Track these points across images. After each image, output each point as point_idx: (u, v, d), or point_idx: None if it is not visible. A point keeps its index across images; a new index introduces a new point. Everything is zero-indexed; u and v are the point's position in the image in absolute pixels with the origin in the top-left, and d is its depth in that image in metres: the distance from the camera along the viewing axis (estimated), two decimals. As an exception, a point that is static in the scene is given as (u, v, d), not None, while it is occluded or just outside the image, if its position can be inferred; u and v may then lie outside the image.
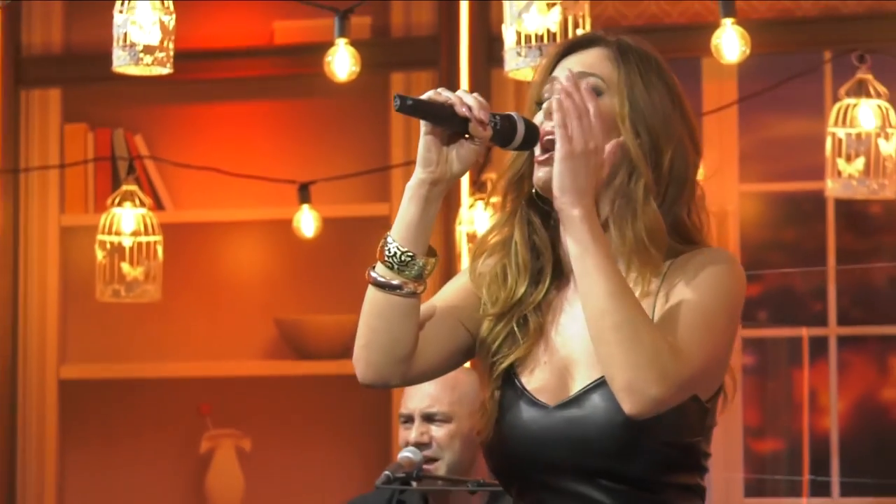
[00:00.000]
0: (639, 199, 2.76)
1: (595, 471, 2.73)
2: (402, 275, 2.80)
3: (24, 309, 6.82)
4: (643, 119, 2.79)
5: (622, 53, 2.84)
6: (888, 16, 6.11)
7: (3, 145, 6.81)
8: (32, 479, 6.78)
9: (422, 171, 2.75)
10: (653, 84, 2.83)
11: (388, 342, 2.82)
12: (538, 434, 2.77)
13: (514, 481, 2.86)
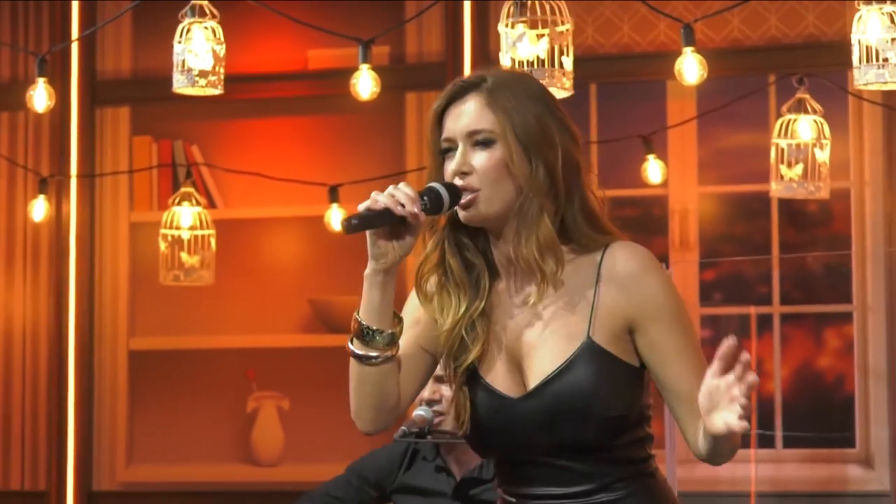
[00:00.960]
0: (532, 216, 2.76)
1: (560, 445, 2.74)
2: (375, 346, 2.78)
3: (100, 292, 6.85)
4: (530, 147, 2.76)
5: (492, 95, 2.77)
6: (823, 46, 6.14)
7: (82, 155, 6.83)
8: (106, 434, 6.81)
9: (375, 264, 2.75)
10: (527, 109, 2.78)
11: (378, 401, 2.84)
12: (508, 424, 2.78)
13: (496, 460, 2.89)
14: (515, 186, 2.74)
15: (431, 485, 4.50)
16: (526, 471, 2.82)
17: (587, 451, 2.76)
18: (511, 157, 2.73)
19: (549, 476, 2.79)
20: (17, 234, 6.90)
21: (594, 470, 2.77)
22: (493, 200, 2.75)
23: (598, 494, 2.77)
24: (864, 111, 6.17)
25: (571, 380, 2.73)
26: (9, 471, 6.82)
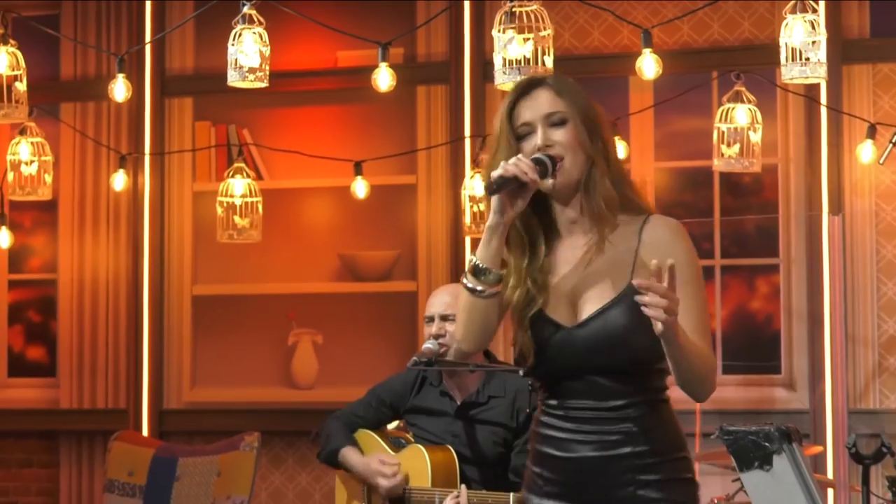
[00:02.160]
0: (597, 180, 2.89)
1: (600, 366, 2.88)
2: (486, 282, 2.88)
3: (169, 248, 6.87)
4: (590, 127, 2.91)
5: (559, 89, 2.94)
6: (756, 48, 6.13)
7: (154, 136, 6.85)
8: (174, 363, 6.84)
9: (498, 217, 2.85)
10: (584, 100, 2.96)
11: (482, 327, 2.95)
12: (563, 346, 2.90)
13: (548, 381, 2.97)
14: (586, 157, 2.89)
15: (437, 406, 4.51)
16: (570, 386, 2.92)
17: (620, 373, 2.88)
18: (581, 132, 2.89)
19: (588, 392, 2.90)
20: (101, 201, 6.91)
21: (624, 390, 2.89)
22: (572, 168, 2.89)
23: (624, 410, 2.88)
24: (789, 101, 6.16)
25: (614, 315, 2.85)
26: (95, 393, 6.85)
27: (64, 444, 6.89)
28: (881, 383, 6.08)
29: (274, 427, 6.48)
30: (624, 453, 2.85)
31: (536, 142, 2.87)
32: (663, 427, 2.90)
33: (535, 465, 2.97)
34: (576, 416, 2.90)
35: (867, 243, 6.12)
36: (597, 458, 2.87)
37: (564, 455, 2.91)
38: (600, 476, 2.87)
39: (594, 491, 2.88)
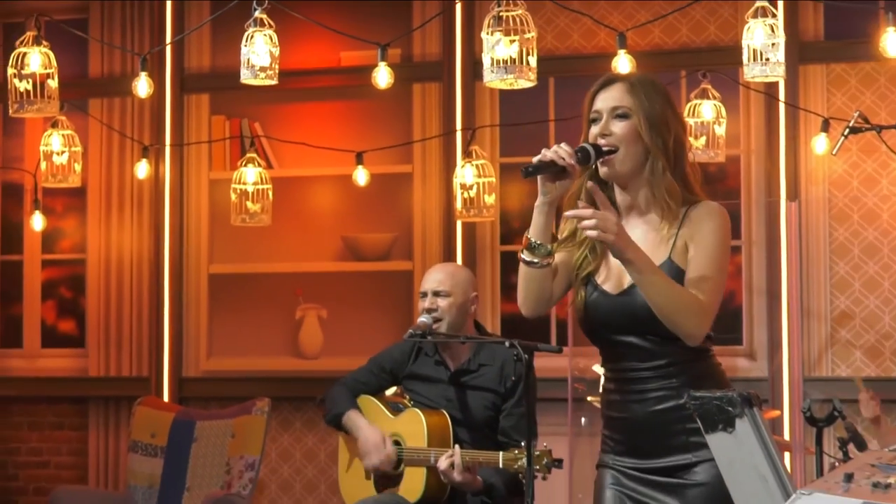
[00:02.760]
0: (655, 174, 2.97)
1: (638, 329, 2.96)
2: (539, 255, 2.98)
3: (187, 230, 6.86)
4: (653, 125, 2.96)
5: (632, 87, 3.01)
6: (721, 49, 6.13)
7: (174, 129, 6.84)
8: (192, 335, 6.84)
9: (543, 197, 2.96)
10: (655, 100, 2.99)
11: (538, 295, 3.04)
12: (609, 311, 3.00)
13: (594, 338, 3.08)
14: (643, 150, 2.97)
15: (432, 373, 4.53)
16: (618, 350, 3.02)
17: (659, 336, 2.94)
18: (641, 127, 2.95)
19: (634, 354, 2.99)
20: (126, 188, 6.90)
21: (662, 351, 2.97)
22: (626, 160, 2.97)
23: (666, 369, 2.97)
24: (750, 98, 6.17)
25: None
26: (121, 362, 6.85)
27: (92, 409, 6.89)
28: (833, 353, 6.10)
29: (283, 393, 6.49)
30: (670, 406, 2.93)
31: (598, 129, 2.98)
32: (703, 379, 2.96)
33: (605, 428, 3.11)
34: (626, 377, 3.01)
35: (821, 227, 6.14)
36: (648, 414, 2.97)
37: (622, 415, 3.02)
38: (654, 430, 2.97)
39: (652, 443, 2.99)
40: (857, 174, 6.12)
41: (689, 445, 2.94)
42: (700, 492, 2.94)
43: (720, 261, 2.96)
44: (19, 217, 7.03)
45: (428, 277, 4.52)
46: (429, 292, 4.46)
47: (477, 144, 6.09)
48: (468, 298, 4.49)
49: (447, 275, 4.50)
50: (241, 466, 5.95)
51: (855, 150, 6.01)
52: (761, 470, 2.53)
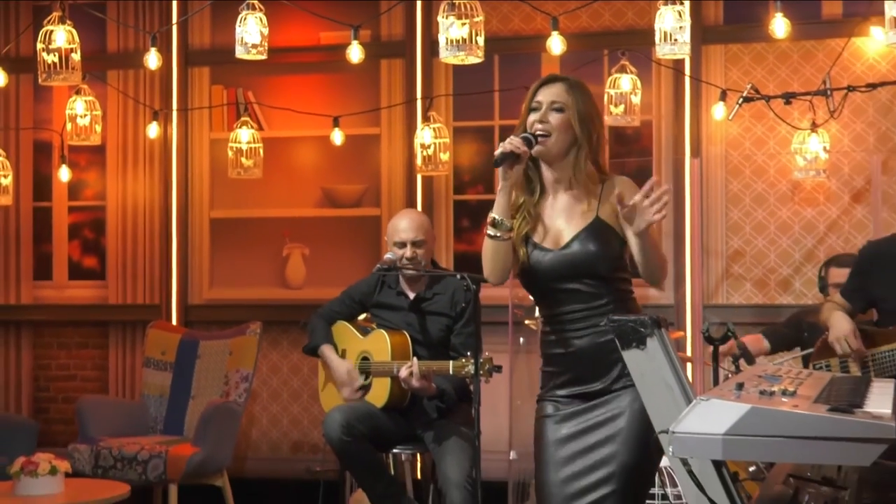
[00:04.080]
0: (578, 159, 3.04)
1: (578, 276, 3.01)
2: (502, 230, 3.01)
3: (192, 181, 6.81)
4: (583, 120, 3.03)
5: (570, 87, 3.06)
6: (637, 32, 6.11)
7: (180, 96, 6.78)
8: (196, 269, 6.81)
9: (505, 181, 2.99)
10: (586, 101, 3.06)
11: (503, 265, 3.06)
12: (551, 265, 3.03)
13: (535, 288, 3.10)
14: (572, 139, 3.02)
15: (395, 302, 4.52)
16: (558, 296, 3.05)
17: (598, 279, 3.00)
18: (573, 120, 3.01)
19: (576, 297, 3.02)
20: (139, 145, 6.84)
21: (602, 292, 3.01)
22: (556, 145, 3.02)
23: (605, 307, 3.00)
24: (661, 72, 6.16)
25: (586, 239, 3.00)
26: (136, 292, 6.82)
27: (112, 331, 6.87)
28: (728, 285, 6.14)
29: (272, 318, 6.47)
30: (604, 339, 2.94)
31: (538, 116, 3.02)
32: (629, 312, 2.99)
33: (546, 366, 3.11)
34: (568, 318, 3.02)
35: (718, 179, 6.16)
36: (589, 346, 3.00)
37: (566, 351, 3.03)
38: (594, 359, 2.99)
39: (593, 371, 3.00)
40: (749, 136, 6.14)
41: (615, 372, 2.97)
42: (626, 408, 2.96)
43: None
44: (48, 170, 6.97)
45: (401, 227, 4.45)
46: (408, 243, 4.42)
47: (434, 111, 6.09)
48: (434, 242, 4.49)
49: (418, 225, 4.46)
50: (238, 379, 5.95)
51: (747, 116, 6.02)
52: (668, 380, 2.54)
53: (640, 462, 2.95)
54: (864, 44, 5.87)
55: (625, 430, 2.94)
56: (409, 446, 4.40)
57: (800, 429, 1.90)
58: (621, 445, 2.94)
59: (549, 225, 3.05)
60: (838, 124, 5.87)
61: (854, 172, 6.01)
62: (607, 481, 2.94)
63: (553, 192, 3.07)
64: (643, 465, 2.97)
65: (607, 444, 2.96)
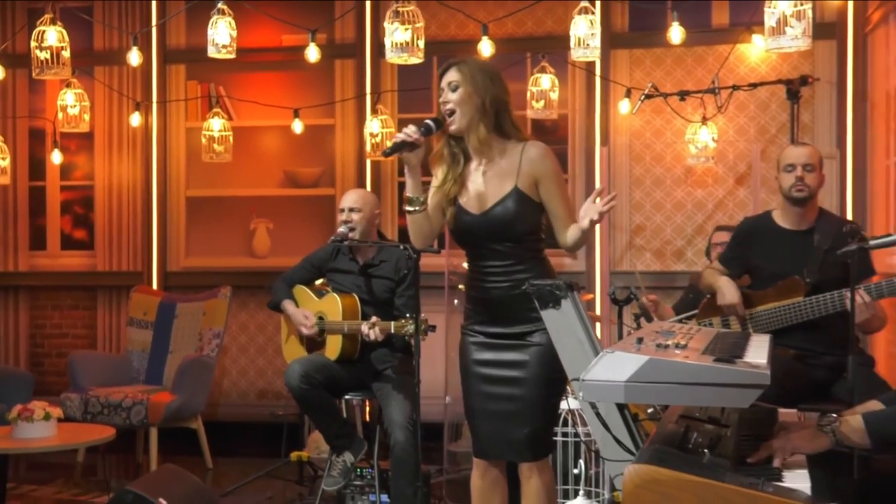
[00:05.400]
0: (479, 126, 3.00)
1: (496, 238, 3.00)
2: (415, 205, 3.03)
3: (170, 163, 6.69)
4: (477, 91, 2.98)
5: (461, 68, 3.02)
6: (556, 37, 6.09)
7: (159, 89, 6.66)
8: (174, 240, 6.71)
9: (408, 166, 2.97)
10: (477, 75, 3.01)
11: (423, 233, 3.08)
12: (474, 226, 3.03)
13: (462, 243, 3.10)
14: (470, 110, 2.97)
15: (347, 268, 4.49)
16: (482, 252, 3.04)
17: (513, 242, 2.98)
18: (468, 94, 2.97)
19: (493, 255, 3.02)
20: (123, 133, 6.70)
21: (516, 252, 3.00)
22: (461, 118, 2.98)
23: (519, 265, 3.00)
24: (576, 73, 6.16)
25: (507, 205, 2.97)
26: (121, 261, 6.70)
27: (100, 295, 6.76)
28: (631, 255, 6.19)
29: (241, 283, 6.40)
30: (517, 293, 2.94)
31: (442, 98, 3.02)
32: (544, 274, 3.00)
33: (468, 303, 3.13)
34: (486, 271, 3.03)
35: (624, 165, 6.20)
36: (502, 297, 3.00)
37: (483, 297, 3.05)
38: (504, 308, 3.01)
39: (503, 316, 3.02)
40: (650, 128, 6.18)
41: (529, 318, 2.96)
42: (535, 349, 2.98)
43: (567, 194, 3.06)
44: (42, 153, 6.83)
45: (345, 198, 4.46)
46: (346, 209, 4.40)
47: (381, 104, 6.06)
48: (374, 214, 4.44)
49: (359, 196, 4.44)
50: (210, 336, 5.89)
51: (648, 111, 6.06)
52: (579, 336, 2.55)
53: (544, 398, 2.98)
54: (747, 49, 5.92)
55: (531, 371, 2.97)
56: (359, 393, 4.38)
57: (690, 376, 1.91)
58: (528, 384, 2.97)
59: (474, 190, 3.02)
60: (725, 118, 5.92)
61: (737, 159, 6.07)
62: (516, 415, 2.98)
63: (477, 160, 3.03)
64: (546, 402, 2.99)
65: (516, 382, 2.98)
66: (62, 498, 4.94)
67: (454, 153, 3.05)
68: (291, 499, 4.86)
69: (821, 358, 3.77)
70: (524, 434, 2.96)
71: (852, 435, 2.15)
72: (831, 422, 2.18)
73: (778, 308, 3.80)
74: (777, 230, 3.91)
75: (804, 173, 3.80)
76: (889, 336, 4.95)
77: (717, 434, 2.21)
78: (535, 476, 2.99)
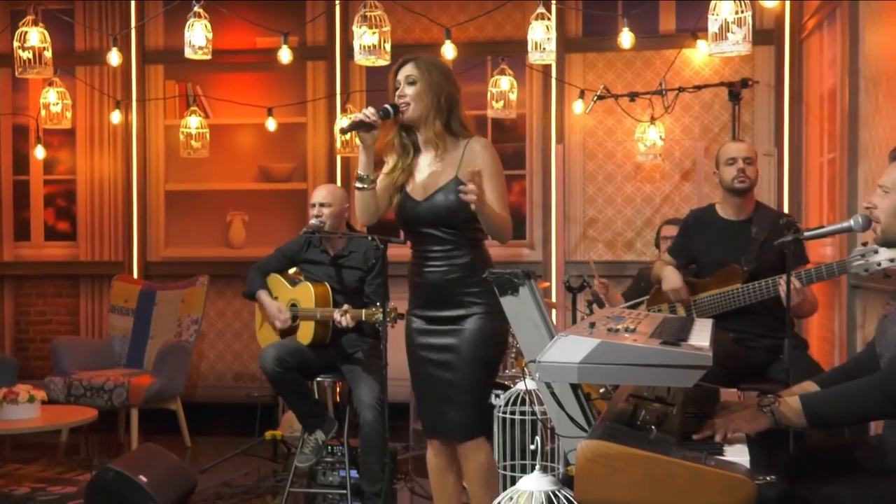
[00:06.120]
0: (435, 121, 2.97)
1: (436, 224, 2.97)
2: (366, 182, 2.98)
3: (149, 159, 6.63)
4: (432, 88, 2.96)
5: (418, 64, 3.00)
6: (514, 42, 6.09)
7: (139, 88, 6.57)
8: (153, 231, 6.64)
9: (362, 145, 2.92)
10: (433, 72, 2.98)
11: (370, 210, 3.02)
12: (415, 211, 3.00)
13: (405, 229, 3.07)
14: (426, 105, 2.95)
15: (318, 258, 4.47)
16: (421, 237, 3.01)
17: (453, 228, 2.95)
18: (424, 90, 2.94)
19: (433, 240, 2.99)
20: (104, 130, 6.62)
21: (455, 239, 2.97)
22: (415, 111, 2.96)
23: (457, 251, 2.97)
24: (533, 75, 6.17)
25: (446, 192, 2.93)
26: (102, 251, 6.63)
27: (82, 283, 6.68)
28: (584, 245, 6.23)
29: (218, 272, 6.35)
30: (454, 277, 2.94)
31: (398, 92, 2.99)
32: (480, 261, 2.98)
33: (410, 289, 3.09)
34: (427, 255, 2.99)
35: (578, 161, 6.22)
36: (439, 281, 2.97)
37: (423, 281, 3.01)
38: (442, 291, 2.98)
39: (440, 300, 2.99)
40: (602, 127, 6.21)
41: (464, 303, 2.96)
42: (468, 333, 2.96)
43: (504, 187, 2.99)
44: (26, 149, 6.73)
45: (316, 193, 4.43)
46: (316, 203, 4.37)
47: (350, 104, 6.04)
48: (343, 208, 4.42)
49: (329, 192, 4.42)
50: (188, 322, 5.85)
51: (600, 111, 6.09)
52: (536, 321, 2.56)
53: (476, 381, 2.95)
54: (692, 53, 5.97)
55: (464, 354, 2.94)
56: (330, 375, 4.37)
57: (638, 358, 1.92)
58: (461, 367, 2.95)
59: (419, 179, 3.00)
60: (671, 118, 5.97)
61: (683, 156, 6.12)
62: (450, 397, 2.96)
63: (425, 151, 3.01)
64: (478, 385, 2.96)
65: (449, 366, 2.96)
66: (46, 476, 4.88)
67: (405, 144, 3.02)
68: (266, 475, 4.84)
69: (758, 341, 3.82)
70: (457, 416, 2.94)
71: (790, 415, 2.17)
72: (770, 403, 2.21)
73: (719, 294, 3.84)
74: (718, 221, 3.96)
75: (745, 165, 3.85)
76: (821, 320, 5.02)
77: (663, 412, 2.23)
78: (471, 456, 2.96)
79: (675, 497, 1.82)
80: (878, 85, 4.11)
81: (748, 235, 3.86)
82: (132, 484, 3.65)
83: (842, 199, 4.50)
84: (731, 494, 1.81)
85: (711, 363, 1.89)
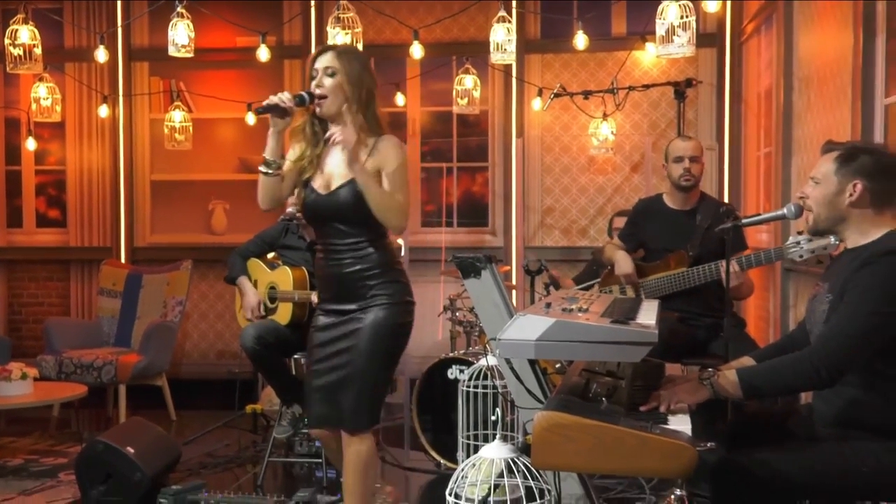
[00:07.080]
0: (354, 112, 2.77)
1: (340, 218, 2.79)
2: (272, 168, 2.77)
3: (136, 151, 6.53)
4: (352, 82, 2.75)
5: (339, 54, 2.77)
6: (478, 43, 6.07)
7: (125, 84, 6.49)
8: (140, 219, 6.56)
9: (274, 128, 2.74)
10: (354, 65, 2.76)
11: (273, 196, 2.81)
12: (320, 205, 2.81)
13: (312, 223, 2.90)
14: (344, 98, 2.74)
15: (296, 244, 4.45)
16: (325, 230, 2.83)
17: (355, 223, 2.77)
18: (343, 82, 2.73)
19: (336, 234, 2.80)
20: (93, 124, 6.51)
21: (358, 232, 2.79)
22: (332, 104, 2.75)
23: (357, 244, 2.79)
24: (495, 74, 6.16)
25: (349, 189, 2.75)
26: (91, 237, 6.54)
27: (72, 268, 6.59)
28: (542, 232, 6.25)
29: (201, 257, 6.31)
30: (356, 269, 2.78)
31: (316, 82, 2.77)
32: (384, 255, 2.81)
33: (317, 281, 2.93)
34: (331, 248, 2.82)
35: (536, 154, 6.23)
36: (342, 274, 2.80)
37: (328, 273, 2.84)
38: (345, 283, 2.80)
39: (344, 293, 2.82)
40: (558, 122, 6.22)
41: (366, 297, 2.78)
42: (368, 324, 2.77)
43: (403, 178, 2.78)
44: (18, 141, 6.62)
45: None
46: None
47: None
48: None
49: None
50: (173, 303, 5.80)
51: (557, 108, 6.10)
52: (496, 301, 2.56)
53: (370, 371, 2.77)
54: (641, 55, 5.99)
55: (362, 343, 2.76)
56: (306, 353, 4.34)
57: (591, 335, 1.93)
58: (358, 355, 2.77)
59: (325, 172, 2.79)
60: (622, 114, 6.00)
61: (633, 150, 6.16)
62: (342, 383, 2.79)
63: (333, 144, 2.76)
64: (372, 375, 2.77)
65: (346, 353, 2.79)
66: (39, 448, 4.82)
67: (315, 132, 2.80)
68: (246, 446, 4.82)
69: (700, 320, 3.86)
70: (346, 402, 2.75)
71: (728, 387, 2.20)
72: (710, 376, 2.23)
73: (665, 277, 3.87)
74: (666, 211, 3.98)
75: (690, 164, 3.87)
76: (757, 301, 5.09)
77: (613, 385, 2.25)
78: (353, 446, 2.77)
79: (623, 463, 1.84)
80: (810, 84, 4.16)
81: (693, 224, 3.90)
82: (120, 455, 3.62)
83: (777, 189, 4.56)
84: (675, 460, 1.83)
85: (657, 340, 1.91)
